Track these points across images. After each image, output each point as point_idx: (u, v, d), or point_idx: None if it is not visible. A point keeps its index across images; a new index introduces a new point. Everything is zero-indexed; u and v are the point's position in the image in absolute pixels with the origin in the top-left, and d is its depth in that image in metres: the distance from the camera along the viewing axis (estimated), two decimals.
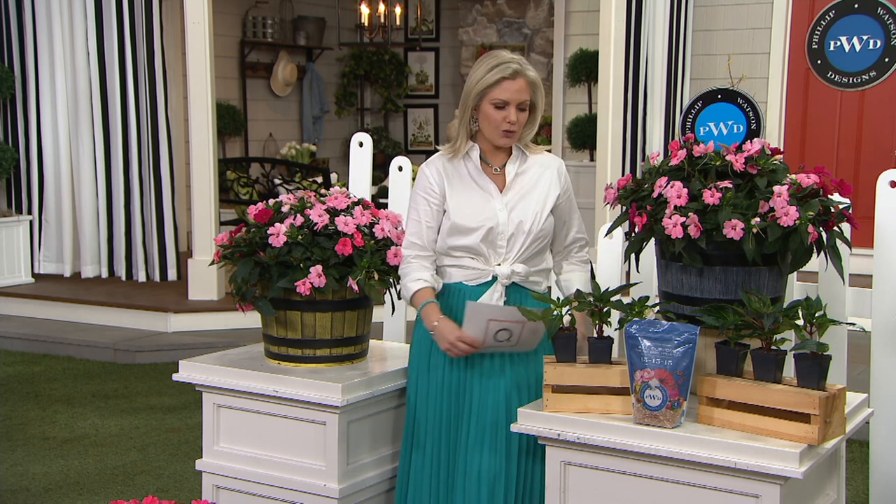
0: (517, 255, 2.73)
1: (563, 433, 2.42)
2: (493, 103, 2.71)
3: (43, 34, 7.78)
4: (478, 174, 2.78)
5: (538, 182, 2.79)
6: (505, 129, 2.71)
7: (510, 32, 9.93)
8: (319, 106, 10.91)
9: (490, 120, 2.72)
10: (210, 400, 3.00)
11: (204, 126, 6.96)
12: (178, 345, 6.39)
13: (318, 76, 10.88)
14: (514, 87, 2.69)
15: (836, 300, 2.96)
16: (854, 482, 3.72)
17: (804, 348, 2.27)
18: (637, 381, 2.34)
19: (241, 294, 2.88)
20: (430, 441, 2.78)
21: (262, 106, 10.42)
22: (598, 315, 2.52)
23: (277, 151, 10.13)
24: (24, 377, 6.02)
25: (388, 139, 11.08)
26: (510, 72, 2.69)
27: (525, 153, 2.82)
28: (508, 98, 2.69)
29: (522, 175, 2.79)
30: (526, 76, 2.71)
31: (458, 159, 2.79)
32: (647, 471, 2.35)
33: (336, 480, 2.81)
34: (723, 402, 2.35)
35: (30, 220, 7.86)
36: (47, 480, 4.32)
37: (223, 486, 2.99)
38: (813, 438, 2.21)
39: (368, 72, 11.10)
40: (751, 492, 2.23)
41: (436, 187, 2.76)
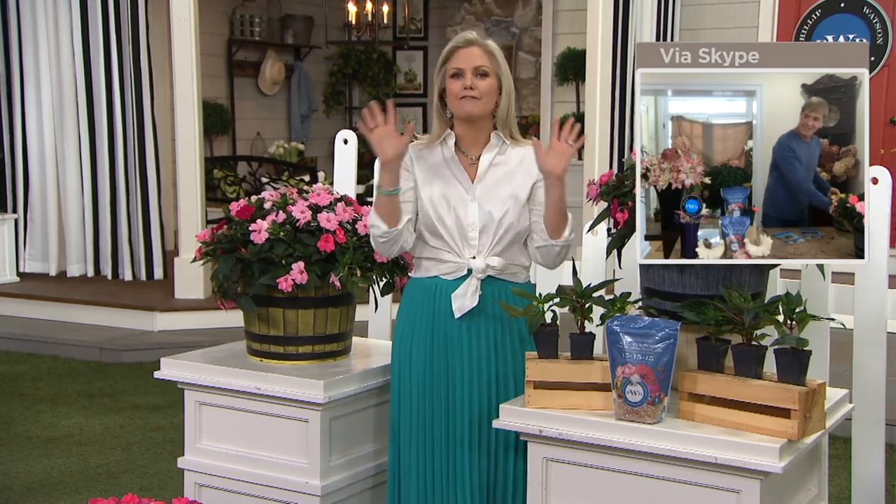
0: (490, 248, 2.70)
1: (545, 429, 2.42)
2: (451, 75, 2.71)
3: (28, 32, 7.75)
4: (452, 162, 2.74)
5: (514, 173, 2.74)
6: (462, 95, 2.69)
7: (498, 31, 9.93)
8: (307, 105, 10.90)
9: (450, 93, 2.72)
10: (192, 398, 3.00)
11: (190, 124, 6.93)
12: (164, 344, 6.36)
13: (305, 75, 10.86)
14: (466, 53, 2.70)
15: (819, 297, 2.96)
16: (838, 478, 3.74)
17: (784, 343, 2.27)
18: (618, 376, 2.35)
19: (223, 291, 2.87)
20: (414, 435, 2.76)
21: (249, 105, 10.40)
22: (580, 311, 2.52)
23: (265, 150, 10.12)
24: (9, 376, 5.99)
25: None
26: (463, 41, 2.72)
27: (507, 143, 2.77)
28: (463, 65, 2.69)
29: (497, 166, 2.75)
30: (480, 45, 2.72)
31: (435, 146, 2.77)
32: (628, 466, 2.35)
33: (318, 478, 2.81)
34: (704, 397, 2.35)
35: (14, 219, 7.83)
36: (30, 480, 4.30)
37: (205, 484, 2.99)
38: (793, 433, 2.21)
39: (357, 70, 11.09)
40: (731, 487, 2.23)
41: (410, 169, 2.74)
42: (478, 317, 2.71)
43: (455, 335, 2.72)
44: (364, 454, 2.96)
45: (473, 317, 2.71)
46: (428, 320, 2.75)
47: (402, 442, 2.79)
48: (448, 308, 2.72)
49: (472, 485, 2.70)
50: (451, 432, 2.72)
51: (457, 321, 2.71)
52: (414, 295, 2.80)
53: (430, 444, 2.75)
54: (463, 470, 2.71)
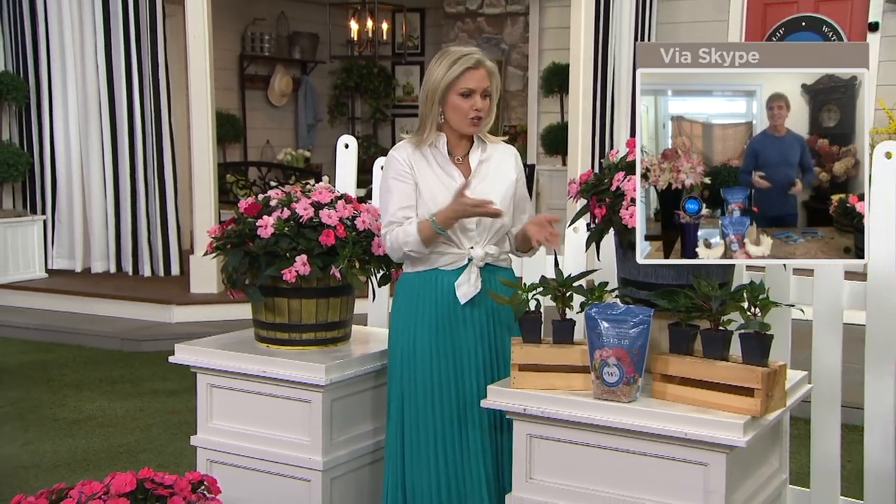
0: (488, 238, 2.72)
1: (529, 408, 2.41)
2: (460, 93, 2.68)
3: (55, 48, 7.74)
4: (444, 162, 2.74)
5: (500, 168, 2.78)
6: (472, 116, 2.69)
7: (489, 47, 9.92)
8: (313, 115, 10.88)
9: (458, 110, 2.70)
10: (204, 381, 2.98)
11: (205, 133, 6.93)
12: (180, 334, 6.32)
13: (311, 88, 10.84)
14: (477, 75, 2.68)
15: (781, 287, 2.96)
16: (799, 456, 3.73)
17: (748, 328, 2.27)
18: (596, 359, 2.34)
19: (232, 282, 2.86)
20: (423, 417, 2.71)
21: (260, 115, 10.38)
22: (561, 299, 2.52)
23: (274, 157, 10.10)
24: (38, 364, 5.97)
25: (376, 146, 11.05)
26: (473, 62, 2.69)
27: (485, 142, 2.80)
28: (474, 87, 2.68)
29: (485, 162, 2.77)
30: (486, 66, 2.71)
31: (425, 147, 2.76)
32: (605, 442, 2.34)
33: (320, 454, 2.80)
34: (675, 378, 2.34)
35: (43, 220, 7.80)
36: (56, 457, 4.29)
37: (216, 461, 2.97)
38: (756, 410, 2.21)
39: (359, 84, 11.07)
40: (699, 460, 2.22)
41: (409, 169, 2.72)
42: (478, 299, 2.71)
43: (460, 319, 2.71)
44: (363, 432, 2.95)
45: (476, 301, 2.71)
46: (431, 310, 2.72)
47: (409, 424, 2.73)
48: (450, 296, 2.70)
49: (484, 461, 2.69)
50: (462, 411, 2.69)
51: (461, 307, 2.70)
52: (413, 287, 2.76)
53: (441, 425, 2.70)
54: (475, 446, 2.68)
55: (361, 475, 2.96)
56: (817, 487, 3.09)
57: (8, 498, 2.91)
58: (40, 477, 4.02)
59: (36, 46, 7.81)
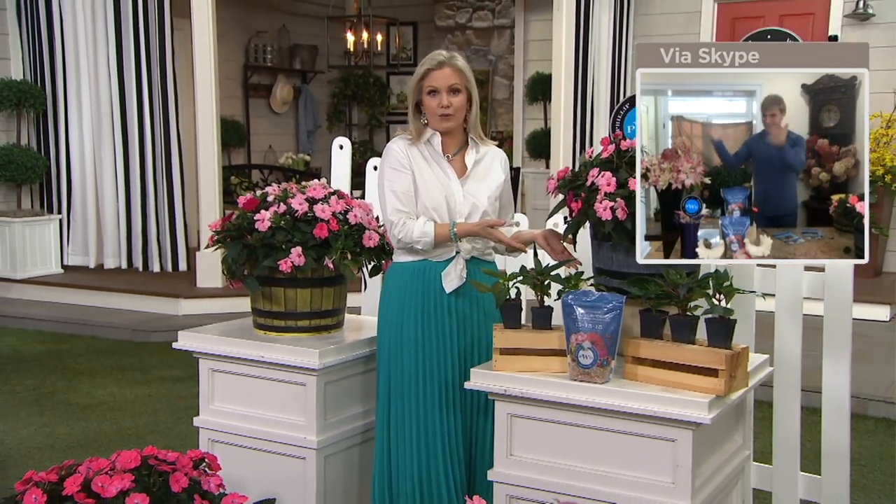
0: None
1: (509, 389, 2.40)
2: (427, 93, 2.69)
3: (71, 59, 7.71)
4: (438, 158, 2.74)
5: (490, 169, 2.80)
6: (440, 113, 2.69)
7: (477, 59, 9.91)
8: (313, 122, 10.85)
9: (429, 108, 2.71)
10: (206, 365, 2.96)
11: (210, 138, 6.91)
12: (187, 326, 6.20)
13: (311, 96, 10.81)
14: (440, 75, 2.68)
15: (745, 276, 2.96)
16: (763, 436, 3.72)
17: (713, 313, 2.26)
18: (572, 343, 2.33)
19: (231, 272, 2.84)
20: (406, 399, 2.70)
21: (262, 122, 10.34)
22: (540, 287, 2.50)
23: (276, 161, 10.07)
24: (53, 353, 5.94)
25: (372, 150, 11.03)
26: (435, 63, 2.69)
27: (479, 144, 2.80)
28: (438, 85, 2.68)
29: (479, 162, 2.79)
30: (451, 65, 2.70)
31: (420, 143, 2.75)
32: (580, 420, 2.33)
33: (315, 434, 2.78)
34: (645, 360, 2.33)
35: (59, 219, 7.78)
36: (70, 439, 4.26)
37: (217, 440, 2.95)
38: (720, 390, 2.20)
39: (355, 92, 11.04)
40: (668, 436, 2.21)
41: (406, 160, 2.72)
42: (462, 289, 2.70)
43: (444, 308, 2.70)
44: (354, 414, 2.93)
45: (459, 290, 2.70)
46: (418, 298, 2.71)
47: (395, 406, 2.73)
48: (437, 286, 2.70)
49: (464, 441, 2.67)
50: (443, 395, 2.69)
51: (446, 296, 2.69)
52: (402, 276, 2.75)
53: (424, 408, 2.69)
54: (456, 426, 2.67)
55: (353, 454, 2.95)
56: (779, 464, 3.09)
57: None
58: (54, 457, 3.99)
59: (52, 57, 7.77)
